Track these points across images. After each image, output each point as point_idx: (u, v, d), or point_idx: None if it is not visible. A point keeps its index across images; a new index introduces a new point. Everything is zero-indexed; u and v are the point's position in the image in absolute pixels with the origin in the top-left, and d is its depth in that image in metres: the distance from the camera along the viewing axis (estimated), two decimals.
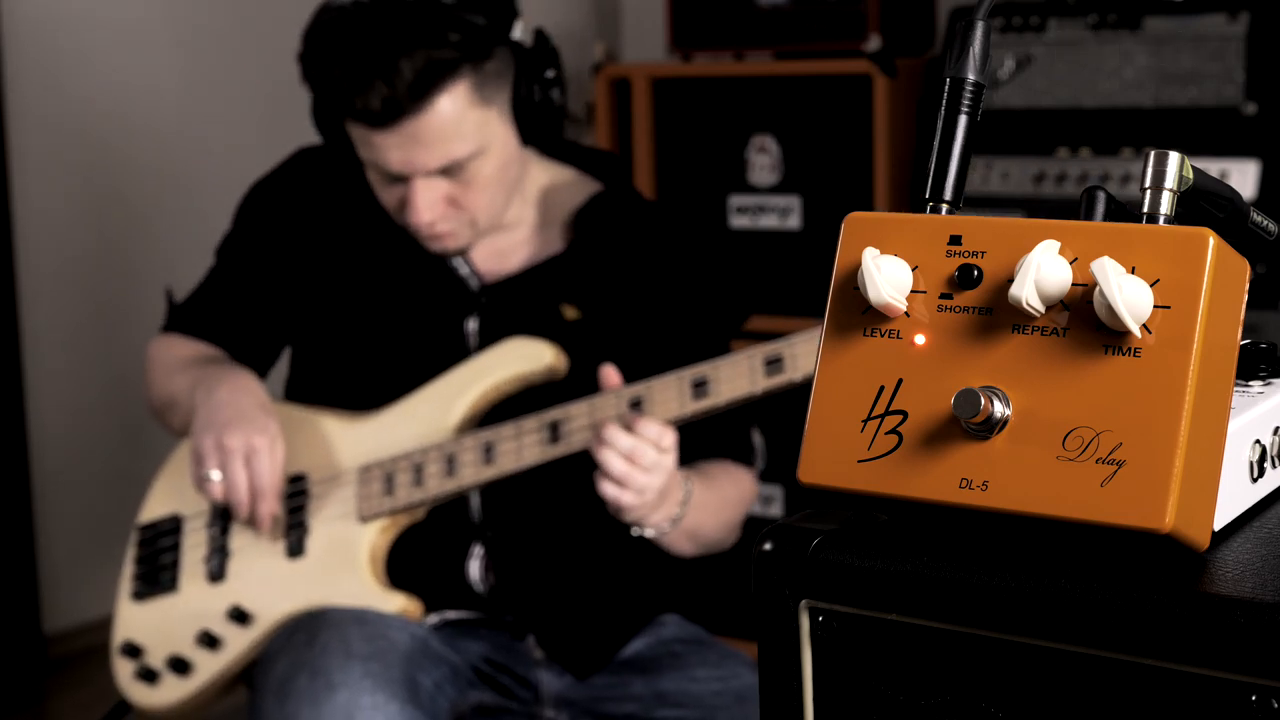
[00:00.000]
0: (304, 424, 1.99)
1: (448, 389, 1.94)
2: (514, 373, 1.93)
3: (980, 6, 0.85)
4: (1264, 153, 2.72)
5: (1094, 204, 0.80)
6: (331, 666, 1.75)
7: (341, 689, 1.73)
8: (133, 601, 2.02)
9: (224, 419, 1.89)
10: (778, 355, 1.80)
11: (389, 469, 1.92)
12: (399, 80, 1.80)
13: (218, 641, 1.95)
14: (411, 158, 1.85)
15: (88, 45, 3.41)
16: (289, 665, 1.77)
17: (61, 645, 3.44)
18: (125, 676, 2.00)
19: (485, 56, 1.85)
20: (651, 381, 1.84)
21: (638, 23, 4.17)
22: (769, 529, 0.84)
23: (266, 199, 2.07)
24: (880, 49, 3.07)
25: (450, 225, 1.92)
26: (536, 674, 1.96)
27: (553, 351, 1.92)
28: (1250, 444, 0.84)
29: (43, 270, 3.36)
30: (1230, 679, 0.71)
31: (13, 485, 3.25)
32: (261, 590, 1.94)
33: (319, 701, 1.72)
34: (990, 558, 0.78)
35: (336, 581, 1.92)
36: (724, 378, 1.82)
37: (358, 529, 1.93)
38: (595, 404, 1.85)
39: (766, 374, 1.81)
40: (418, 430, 1.93)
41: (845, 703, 0.82)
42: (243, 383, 1.94)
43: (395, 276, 2.01)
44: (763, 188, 3.19)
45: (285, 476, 1.95)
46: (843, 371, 0.82)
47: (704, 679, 1.97)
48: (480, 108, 1.86)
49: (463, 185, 1.89)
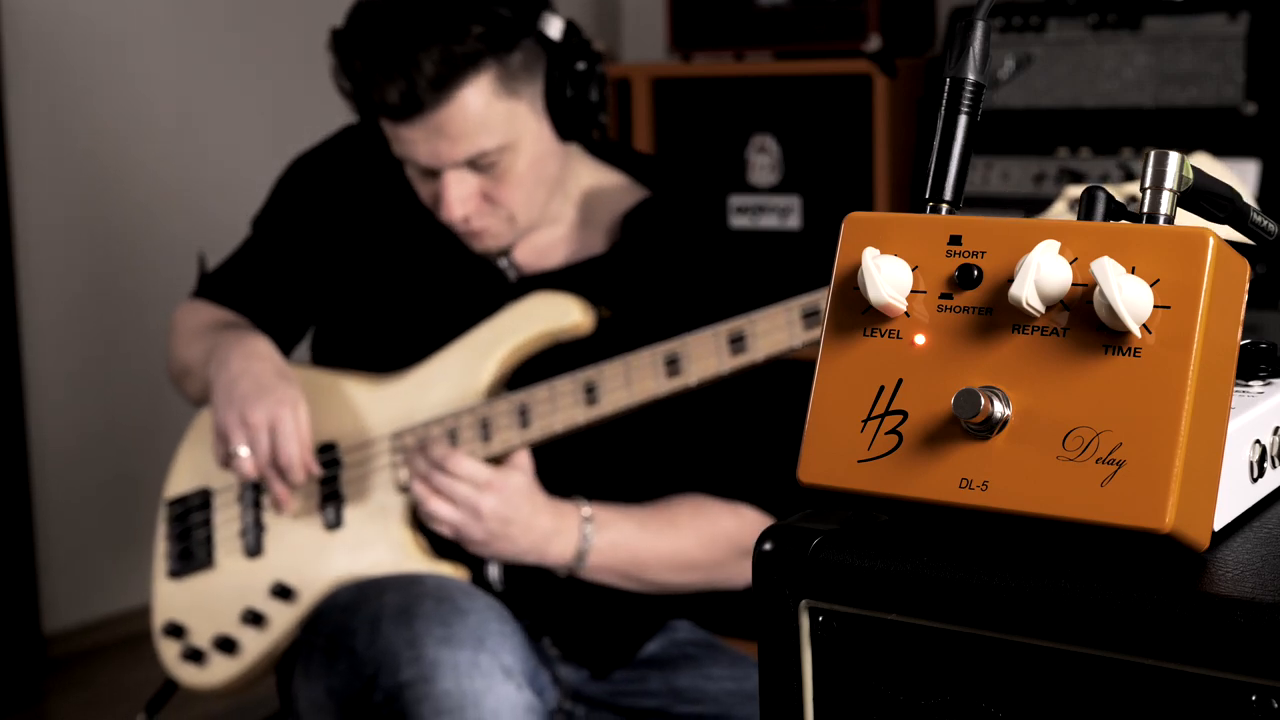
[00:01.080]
0: (329, 389, 1.97)
1: (475, 349, 1.92)
2: (541, 329, 1.90)
3: (980, 6, 0.85)
4: (1264, 153, 2.72)
5: (1094, 204, 0.80)
6: (456, 595, 1.74)
7: (471, 613, 1.72)
8: (170, 580, 2.00)
9: (242, 392, 1.86)
10: (816, 307, 1.76)
11: (422, 435, 1.90)
12: (418, 74, 1.79)
13: (263, 619, 1.93)
14: (437, 150, 1.85)
15: (88, 46, 3.41)
16: (404, 596, 1.74)
17: (61, 645, 3.44)
18: (171, 657, 1.98)
19: (510, 49, 1.84)
20: (687, 337, 1.81)
21: (638, 23, 4.17)
22: (769, 529, 0.84)
23: (307, 173, 2.06)
24: (880, 49, 3.07)
25: (486, 221, 1.90)
26: (556, 667, 1.96)
27: (579, 306, 1.90)
28: (1250, 444, 0.84)
29: (43, 270, 3.36)
30: (1230, 679, 0.71)
31: (13, 485, 3.25)
32: (302, 564, 1.93)
33: (450, 622, 1.70)
34: (990, 558, 0.78)
35: (379, 552, 1.90)
36: (761, 331, 1.78)
37: (395, 498, 1.92)
38: (630, 362, 1.82)
39: (805, 326, 1.77)
40: (447, 393, 1.91)
41: (845, 703, 0.82)
42: (256, 348, 1.91)
43: (433, 262, 2.00)
44: (763, 188, 3.19)
45: (315, 443, 1.93)
46: (843, 371, 0.82)
47: (719, 678, 1.97)
48: (507, 100, 1.85)
49: (495, 180, 1.88)
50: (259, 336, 1.95)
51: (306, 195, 2.05)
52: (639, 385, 1.82)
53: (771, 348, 1.79)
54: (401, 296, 2.00)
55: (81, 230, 3.45)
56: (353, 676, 1.73)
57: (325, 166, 2.06)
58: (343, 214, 2.03)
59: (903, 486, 0.79)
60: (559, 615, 1.97)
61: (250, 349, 1.91)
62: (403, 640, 1.69)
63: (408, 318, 1.99)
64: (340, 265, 2.03)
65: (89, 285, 3.47)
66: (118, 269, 3.51)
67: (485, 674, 1.68)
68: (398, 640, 1.70)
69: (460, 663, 1.67)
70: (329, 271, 2.03)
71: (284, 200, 2.07)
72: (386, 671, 1.69)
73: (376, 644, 1.71)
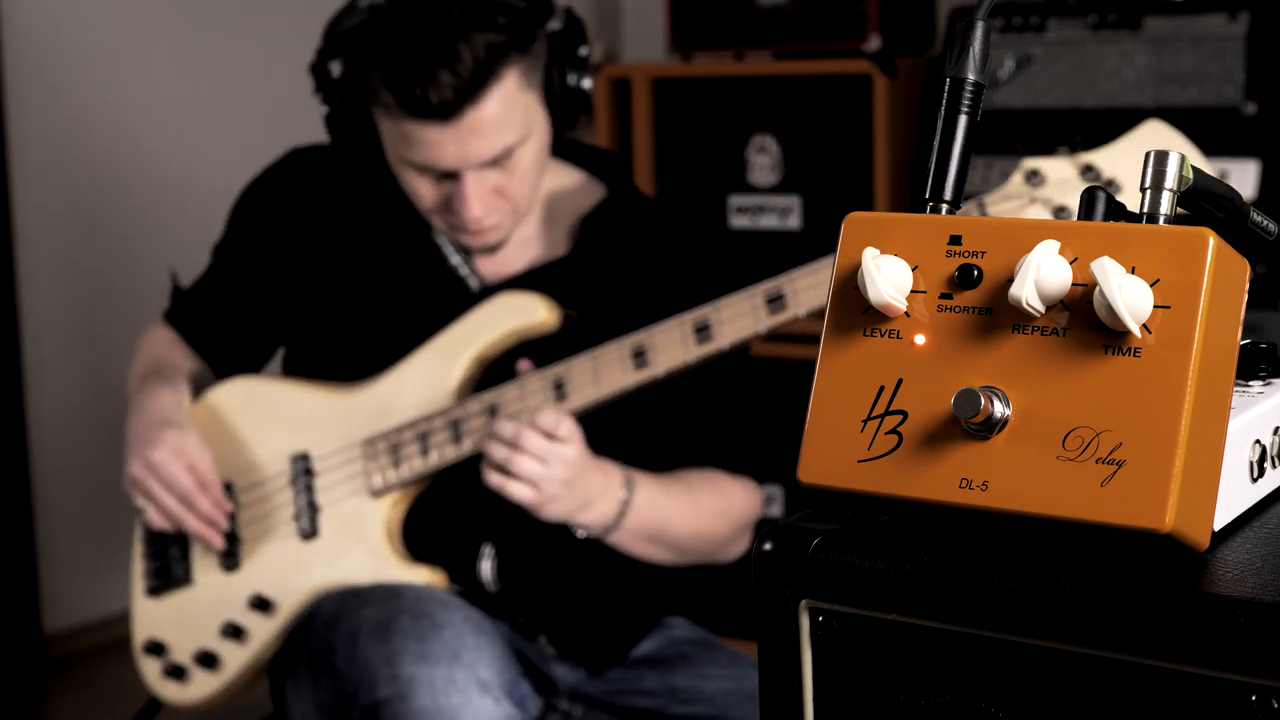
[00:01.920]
0: (298, 400, 1.97)
1: (443, 351, 1.92)
2: (508, 329, 1.90)
3: (980, 6, 0.85)
4: (1264, 153, 2.72)
5: (1094, 204, 0.80)
6: (433, 610, 1.74)
7: (447, 628, 1.72)
8: (148, 598, 2.01)
9: (127, 454, 1.92)
10: (779, 292, 1.78)
11: (394, 440, 1.90)
12: (461, 68, 1.78)
13: (243, 632, 1.94)
14: (467, 151, 1.83)
15: (88, 46, 3.41)
16: (382, 611, 1.75)
17: (61, 645, 3.44)
18: (153, 675, 1.99)
19: (531, 40, 1.85)
20: (653, 329, 1.82)
21: (638, 23, 4.17)
22: (769, 529, 0.84)
23: (259, 199, 2.06)
24: (880, 49, 3.07)
25: (497, 217, 1.90)
26: (551, 667, 1.96)
27: (544, 304, 1.90)
28: (1250, 444, 0.84)
29: (43, 270, 3.36)
30: (1230, 679, 0.71)
31: (13, 485, 3.25)
32: (280, 575, 1.93)
33: (426, 638, 1.70)
34: (990, 558, 0.78)
35: (356, 559, 1.91)
36: (726, 319, 1.79)
37: (370, 505, 1.92)
38: (597, 356, 1.83)
39: (769, 312, 1.78)
40: (418, 396, 1.91)
41: (845, 703, 0.82)
42: (146, 404, 1.95)
43: (393, 276, 2.00)
44: (763, 188, 3.19)
45: (222, 476, 1.95)
46: (843, 371, 0.82)
47: (715, 677, 1.97)
48: (527, 93, 1.86)
49: (508, 174, 1.88)
50: (159, 388, 1.97)
51: (261, 221, 2.05)
52: (607, 379, 1.82)
53: (736, 335, 1.79)
54: (367, 311, 2.00)
55: (82, 231, 3.45)
56: (335, 692, 1.74)
57: (277, 191, 2.05)
58: (300, 234, 2.02)
59: (903, 486, 0.79)
60: (554, 612, 1.97)
61: (141, 405, 1.95)
62: (379, 657, 1.70)
63: (374, 332, 1.99)
64: (303, 285, 2.02)
65: (89, 286, 3.47)
66: (118, 270, 3.51)
67: (461, 689, 1.68)
68: (374, 657, 1.71)
69: (436, 679, 1.68)
70: (292, 292, 2.03)
71: (241, 227, 2.07)
72: (365, 689, 1.70)
73: (355, 661, 1.72)
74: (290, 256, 2.03)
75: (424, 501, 1.95)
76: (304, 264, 2.02)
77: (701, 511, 1.95)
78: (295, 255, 2.02)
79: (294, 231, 2.03)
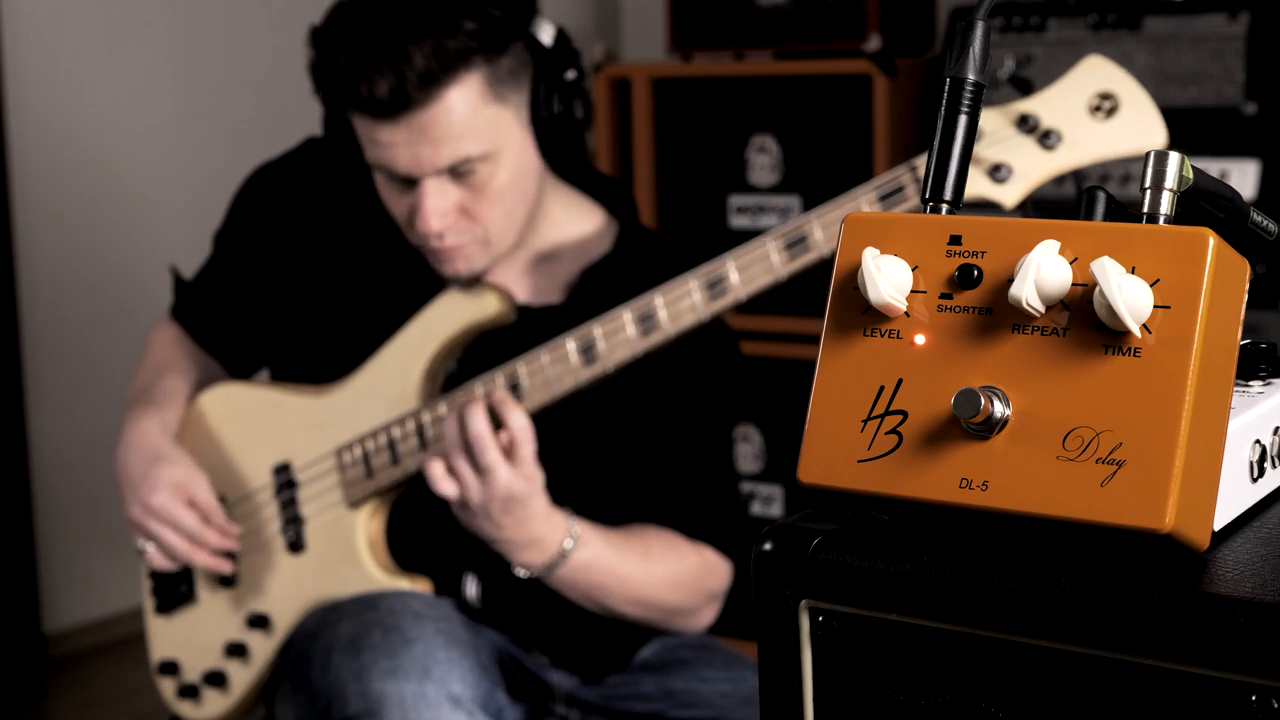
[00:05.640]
0: (278, 408, 1.95)
1: (402, 353, 1.89)
2: (463, 323, 1.86)
3: (980, 6, 0.85)
4: (1264, 153, 2.72)
5: (1094, 204, 0.80)
6: (405, 624, 1.72)
7: (417, 642, 1.70)
8: (158, 617, 2.00)
9: (123, 494, 1.91)
10: (718, 277, 1.73)
11: (364, 449, 1.88)
12: (407, 68, 1.73)
13: (245, 650, 1.94)
14: (419, 155, 1.78)
15: (87, 46, 3.41)
16: (356, 625, 1.73)
17: (61, 645, 3.44)
18: (169, 694, 2.00)
19: (501, 50, 1.78)
20: (595, 323, 1.77)
21: (638, 23, 4.17)
22: (769, 529, 0.84)
23: (266, 186, 2.03)
24: (880, 49, 3.07)
25: (461, 239, 1.83)
26: (547, 673, 1.95)
27: (495, 295, 1.86)
28: (1250, 444, 0.84)
29: (43, 270, 3.37)
30: (1230, 679, 0.71)
31: (13, 486, 3.25)
32: (273, 592, 1.93)
33: (396, 653, 1.68)
34: (990, 558, 0.78)
35: (342, 573, 1.90)
36: (668, 306, 1.75)
37: (350, 516, 1.90)
38: (549, 351, 1.79)
39: (709, 298, 1.74)
40: (383, 400, 1.88)
41: (845, 703, 0.82)
42: (132, 437, 1.93)
43: (393, 281, 1.97)
44: (763, 188, 3.19)
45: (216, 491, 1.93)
46: (843, 371, 0.82)
47: (713, 679, 1.96)
48: (494, 105, 1.79)
49: (475, 193, 1.81)
50: (144, 418, 1.95)
51: (265, 208, 2.02)
52: (558, 379, 1.79)
53: (679, 322, 1.75)
54: (359, 314, 1.97)
55: (82, 231, 3.45)
56: (310, 707, 1.73)
57: (285, 179, 2.02)
58: (302, 227, 2.00)
59: (903, 486, 0.79)
60: (548, 630, 1.94)
61: (125, 436, 1.93)
62: (350, 673, 1.69)
63: (364, 336, 1.96)
64: (298, 279, 2.00)
65: (89, 286, 3.47)
66: (118, 270, 3.51)
67: (432, 705, 1.66)
68: (345, 673, 1.69)
69: (406, 695, 1.66)
70: (288, 285, 2.00)
71: (243, 213, 2.04)
72: (337, 705, 1.69)
73: (328, 676, 1.71)
74: (290, 247, 2.00)
75: (410, 515, 1.94)
76: (302, 256, 2.00)
77: (650, 581, 1.88)
78: (295, 246, 2.00)
79: (296, 222, 2.00)
